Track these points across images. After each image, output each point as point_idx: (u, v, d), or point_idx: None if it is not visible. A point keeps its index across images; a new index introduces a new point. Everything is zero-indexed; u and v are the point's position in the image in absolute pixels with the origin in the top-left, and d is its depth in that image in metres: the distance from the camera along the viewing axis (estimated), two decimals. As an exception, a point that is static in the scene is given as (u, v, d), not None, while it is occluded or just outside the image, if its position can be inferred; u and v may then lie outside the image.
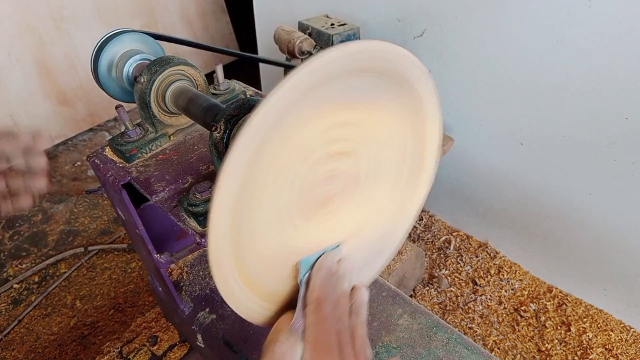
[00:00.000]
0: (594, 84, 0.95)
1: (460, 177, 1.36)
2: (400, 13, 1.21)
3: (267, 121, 0.31)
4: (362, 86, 0.36)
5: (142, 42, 0.65)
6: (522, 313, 1.25)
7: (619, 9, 0.85)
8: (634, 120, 0.93)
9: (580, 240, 1.18)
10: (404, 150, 0.44)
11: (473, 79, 1.15)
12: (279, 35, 1.21)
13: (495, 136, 1.19)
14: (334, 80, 0.33)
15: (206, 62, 2.30)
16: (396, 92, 0.39)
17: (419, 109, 0.42)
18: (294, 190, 0.38)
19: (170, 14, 2.20)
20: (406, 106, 0.41)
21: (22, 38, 1.75)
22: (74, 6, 1.85)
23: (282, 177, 0.37)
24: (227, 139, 0.46)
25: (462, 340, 0.50)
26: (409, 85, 0.39)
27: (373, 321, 0.52)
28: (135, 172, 0.64)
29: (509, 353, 1.18)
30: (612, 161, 1.01)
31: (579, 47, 0.93)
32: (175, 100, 0.61)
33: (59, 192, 1.79)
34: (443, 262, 1.40)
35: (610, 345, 1.16)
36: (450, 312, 1.27)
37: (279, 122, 0.32)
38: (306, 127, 0.35)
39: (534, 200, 1.21)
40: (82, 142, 2.07)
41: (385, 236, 0.50)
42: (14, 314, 1.32)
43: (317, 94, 0.33)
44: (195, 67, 0.64)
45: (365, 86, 0.36)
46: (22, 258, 1.51)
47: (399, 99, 0.40)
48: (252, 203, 0.35)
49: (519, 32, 1.01)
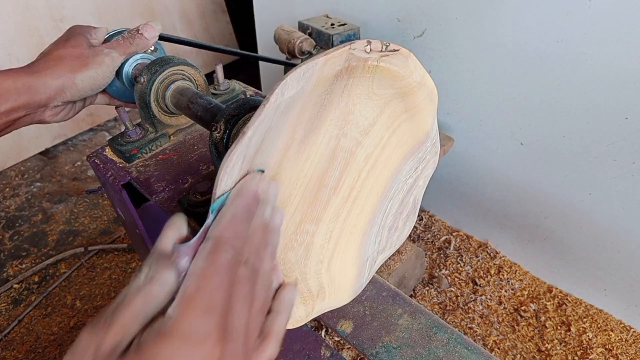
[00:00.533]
0: (594, 84, 0.95)
1: (460, 177, 1.36)
2: (400, 13, 1.21)
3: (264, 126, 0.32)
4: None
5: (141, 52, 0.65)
6: (522, 313, 1.25)
7: (619, 9, 0.85)
8: (634, 120, 0.93)
9: (580, 240, 1.18)
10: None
11: (473, 79, 1.15)
12: (279, 35, 1.21)
13: (495, 136, 1.19)
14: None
15: (206, 62, 2.30)
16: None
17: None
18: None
19: (170, 14, 2.20)
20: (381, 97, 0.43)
21: (22, 38, 1.75)
22: (74, 6, 1.85)
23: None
24: (227, 139, 0.46)
25: (462, 340, 0.50)
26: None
27: (373, 321, 0.52)
28: (135, 172, 0.64)
29: (509, 353, 1.18)
30: (612, 161, 1.01)
31: (579, 47, 0.93)
32: (175, 100, 0.61)
33: (59, 192, 1.79)
34: (443, 262, 1.40)
35: (610, 345, 1.16)
36: (450, 312, 1.27)
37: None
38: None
39: (534, 200, 1.21)
40: (82, 142, 2.07)
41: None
42: (14, 314, 1.32)
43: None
44: (195, 67, 0.64)
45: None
46: (22, 258, 1.51)
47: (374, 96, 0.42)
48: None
49: (519, 32, 1.01)
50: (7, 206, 1.73)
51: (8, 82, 0.50)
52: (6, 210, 1.70)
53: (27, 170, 1.90)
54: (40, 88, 0.51)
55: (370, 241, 0.49)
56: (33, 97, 0.51)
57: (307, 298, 0.44)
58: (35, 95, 0.51)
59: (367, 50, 0.36)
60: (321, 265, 0.45)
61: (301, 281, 0.43)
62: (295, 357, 0.54)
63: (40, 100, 0.52)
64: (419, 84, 0.42)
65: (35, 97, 0.51)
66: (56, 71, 0.53)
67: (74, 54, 0.54)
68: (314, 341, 0.55)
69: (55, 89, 0.53)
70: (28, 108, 0.52)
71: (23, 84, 0.50)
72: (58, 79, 0.53)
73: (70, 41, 0.56)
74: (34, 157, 1.97)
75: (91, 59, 0.55)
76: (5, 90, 0.49)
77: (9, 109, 0.50)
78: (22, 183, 1.84)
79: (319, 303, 0.46)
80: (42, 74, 0.52)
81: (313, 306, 0.46)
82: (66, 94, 0.54)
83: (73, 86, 0.54)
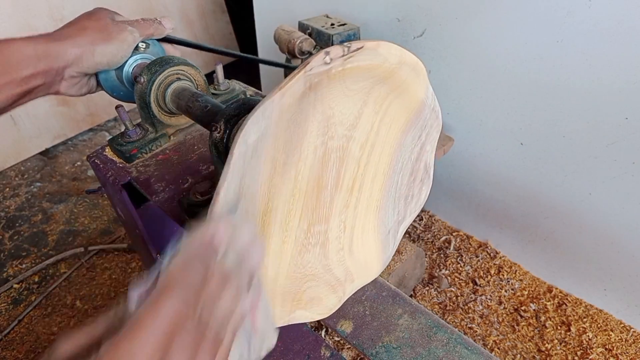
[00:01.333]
0: (594, 84, 0.95)
1: (460, 177, 1.36)
2: (400, 13, 1.21)
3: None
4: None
5: (142, 42, 0.65)
6: (522, 313, 1.25)
7: (619, 9, 0.85)
8: (634, 120, 0.93)
9: (580, 240, 1.18)
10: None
11: (473, 79, 1.15)
12: (279, 35, 1.21)
13: (495, 136, 1.19)
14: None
15: (206, 62, 2.30)
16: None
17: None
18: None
19: (170, 14, 2.20)
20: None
21: (22, 38, 1.75)
22: (74, 6, 1.85)
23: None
24: (227, 139, 0.46)
25: (462, 340, 0.50)
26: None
27: (373, 321, 0.52)
28: (135, 172, 0.64)
29: (509, 353, 1.18)
30: (612, 161, 1.01)
31: (579, 47, 0.93)
32: (175, 100, 0.61)
33: (59, 192, 1.79)
34: (443, 262, 1.40)
35: (610, 345, 1.16)
36: (450, 312, 1.27)
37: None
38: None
39: (534, 200, 1.21)
40: (82, 142, 2.07)
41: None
42: (14, 314, 1.32)
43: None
44: (195, 67, 0.64)
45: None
46: (22, 258, 1.51)
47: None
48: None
49: (519, 32, 1.01)
50: (7, 206, 1.73)
51: (29, 48, 0.50)
52: (6, 210, 1.70)
53: (27, 170, 1.90)
54: (59, 54, 0.52)
55: (388, 215, 0.51)
56: (51, 63, 0.52)
57: (336, 286, 0.46)
58: (54, 62, 0.52)
59: (326, 62, 0.35)
60: (342, 252, 0.47)
61: (325, 273, 0.45)
62: (295, 357, 0.54)
63: (58, 67, 0.53)
64: (398, 64, 0.41)
65: (53, 64, 0.52)
66: (77, 40, 0.53)
67: (98, 26, 0.55)
68: (314, 341, 0.55)
69: (74, 57, 0.53)
70: (46, 75, 0.52)
71: (43, 50, 0.51)
72: (78, 48, 0.53)
73: (94, 15, 0.57)
74: (34, 157, 1.97)
75: (115, 34, 0.56)
76: (26, 56, 0.50)
77: (28, 75, 0.50)
78: (22, 183, 1.84)
79: (349, 286, 0.48)
80: (63, 41, 0.53)
81: (344, 290, 0.48)
82: (83, 64, 0.55)
83: (91, 57, 0.55)
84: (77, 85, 0.58)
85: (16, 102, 0.52)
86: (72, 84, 0.57)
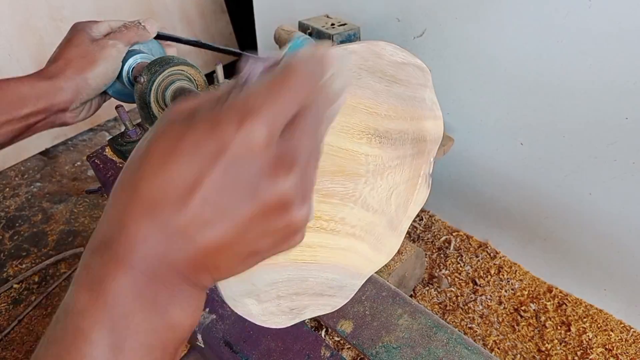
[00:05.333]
0: (594, 84, 0.95)
1: (460, 177, 1.36)
2: (400, 13, 1.21)
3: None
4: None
5: (142, 42, 0.65)
6: (522, 313, 1.25)
7: (619, 9, 0.85)
8: (634, 120, 0.93)
9: (580, 240, 1.18)
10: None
11: (473, 79, 1.15)
12: (279, 35, 1.21)
13: (495, 136, 1.19)
14: None
15: (206, 62, 2.30)
16: None
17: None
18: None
19: (170, 14, 2.20)
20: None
21: (22, 38, 1.75)
22: (74, 6, 1.85)
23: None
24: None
25: (462, 340, 0.50)
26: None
27: (373, 321, 0.52)
28: (135, 172, 0.64)
29: (509, 353, 1.18)
30: (612, 161, 1.01)
31: (579, 47, 0.93)
32: (176, 100, 0.61)
33: (59, 192, 1.79)
34: (443, 262, 1.40)
35: (610, 345, 1.16)
36: (450, 312, 1.27)
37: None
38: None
39: (534, 200, 1.21)
40: (82, 142, 2.07)
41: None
42: (14, 314, 1.32)
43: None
44: (195, 67, 0.64)
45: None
46: (22, 258, 1.51)
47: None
48: None
49: (519, 32, 1.01)
50: (7, 206, 1.73)
51: (25, 87, 0.50)
52: (6, 210, 1.70)
53: (27, 170, 1.90)
54: (57, 93, 0.52)
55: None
56: (51, 101, 0.52)
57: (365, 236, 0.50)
58: (53, 100, 0.52)
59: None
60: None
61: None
62: (295, 357, 0.54)
63: (59, 105, 0.53)
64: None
65: (53, 102, 0.52)
66: (67, 74, 0.53)
67: (80, 52, 0.54)
68: (314, 341, 0.55)
69: (72, 93, 0.53)
70: (47, 112, 0.52)
71: (41, 89, 0.51)
72: (71, 82, 0.53)
73: (72, 41, 0.56)
74: (34, 157, 1.97)
75: (98, 55, 0.55)
76: (23, 95, 0.50)
77: (28, 113, 0.50)
78: (22, 183, 1.84)
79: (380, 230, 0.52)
80: (55, 79, 0.52)
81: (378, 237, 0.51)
82: (83, 95, 0.55)
83: (87, 86, 0.54)
84: (83, 112, 0.59)
85: (17, 137, 0.52)
86: (77, 113, 0.57)
